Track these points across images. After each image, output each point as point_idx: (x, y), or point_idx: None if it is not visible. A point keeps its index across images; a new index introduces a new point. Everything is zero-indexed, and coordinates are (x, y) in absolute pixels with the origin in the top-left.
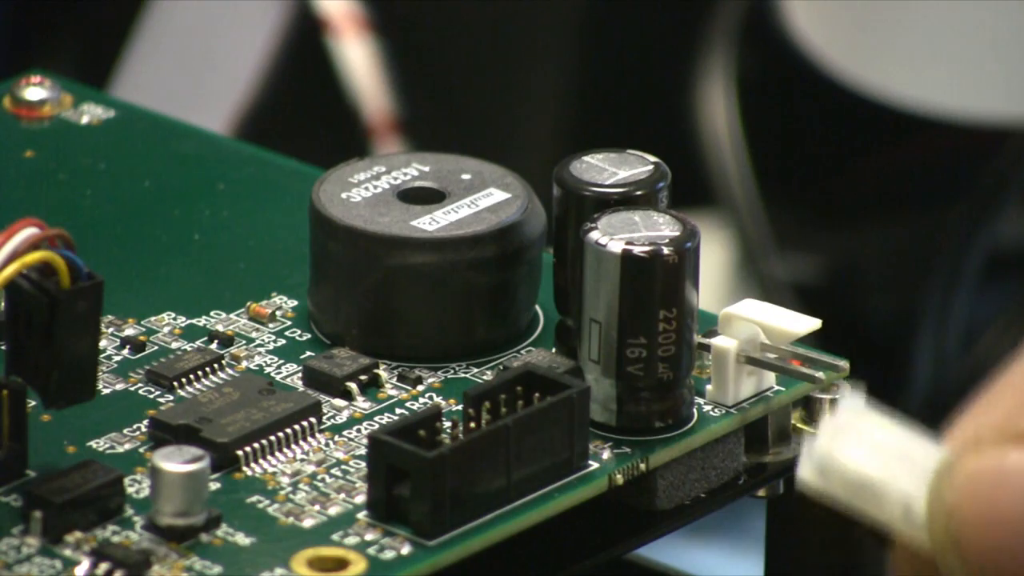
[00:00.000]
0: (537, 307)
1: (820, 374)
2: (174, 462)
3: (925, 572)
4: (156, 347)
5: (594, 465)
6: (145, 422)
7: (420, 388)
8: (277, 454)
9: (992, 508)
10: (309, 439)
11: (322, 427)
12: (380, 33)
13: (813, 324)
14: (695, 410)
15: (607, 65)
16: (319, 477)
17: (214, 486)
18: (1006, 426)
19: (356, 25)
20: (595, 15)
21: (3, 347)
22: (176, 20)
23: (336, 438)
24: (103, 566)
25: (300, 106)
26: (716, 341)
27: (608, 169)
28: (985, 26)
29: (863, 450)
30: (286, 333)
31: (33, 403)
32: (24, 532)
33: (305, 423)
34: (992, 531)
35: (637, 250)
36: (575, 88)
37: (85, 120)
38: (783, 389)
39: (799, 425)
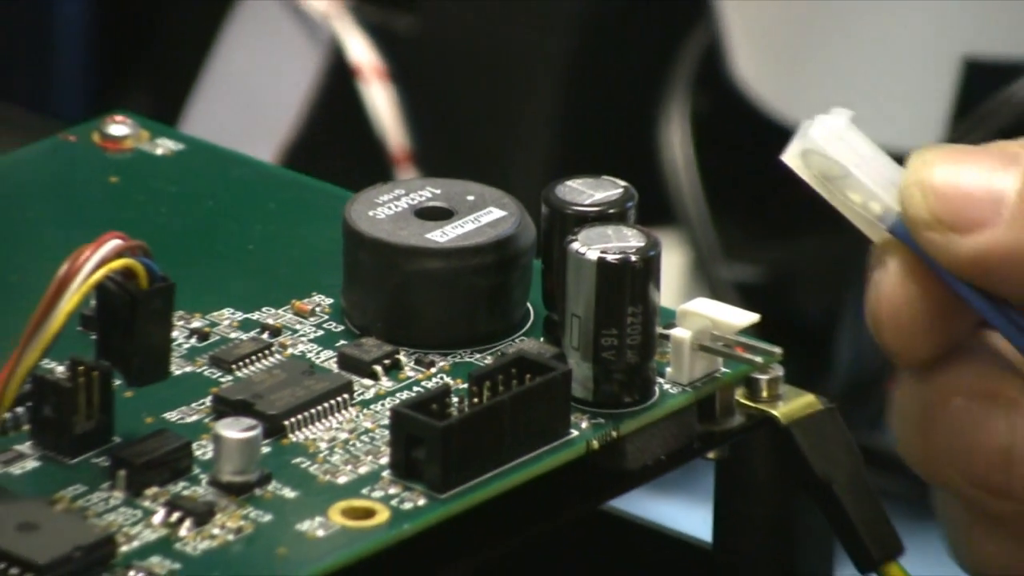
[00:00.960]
0: (528, 304)
1: (758, 358)
2: (233, 430)
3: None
4: (218, 337)
5: (575, 433)
6: (208, 398)
7: (433, 370)
8: (316, 424)
9: (954, 175)
10: (342, 412)
11: (353, 402)
12: (398, 81)
13: (753, 318)
14: (657, 388)
15: (586, 107)
16: (351, 443)
17: (265, 450)
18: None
19: (379, 75)
20: (577, 66)
21: (94, 337)
22: (233, 68)
23: (364, 411)
24: (175, 515)
25: (334, 140)
26: (674, 332)
27: (586, 192)
28: (890, 72)
29: (843, 148)
30: (323, 325)
31: (118, 383)
32: (111, 487)
33: (339, 399)
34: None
35: (610, 258)
36: (559, 126)
37: (159, 152)
38: (728, 371)
39: (741, 400)
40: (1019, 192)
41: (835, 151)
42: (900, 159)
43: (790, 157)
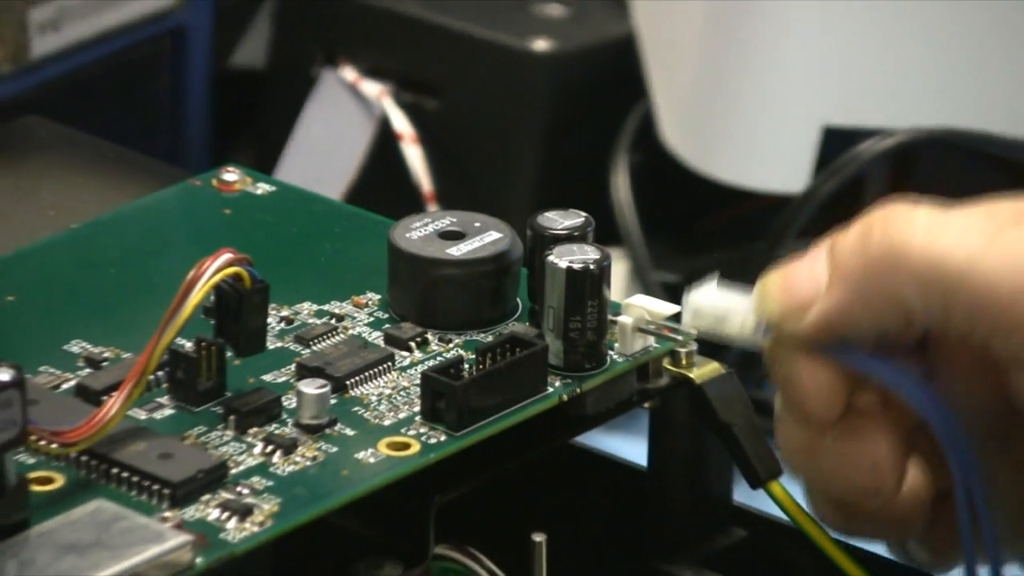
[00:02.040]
0: (518, 299)
1: (678, 337)
2: (310, 388)
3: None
4: (299, 322)
5: (550, 389)
6: (293, 365)
7: (450, 346)
8: (369, 383)
9: (784, 275)
10: (387, 375)
11: (395, 368)
12: (426, 144)
13: (675, 308)
14: (608, 358)
15: (557, 161)
16: (393, 396)
17: (332, 402)
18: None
19: (413, 139)
20: (551, 132)
21: (212, 322)
22: (311, 133)
23: (403, 374)
24: (269, 447)
25: (382, 184)
26: (620, 318)
27: (559, 220)
28: (772, 137)
29: (715, 300)
30: (374, 314)
31: (229, 354)
32: (224, 428)
33: (385, 365)
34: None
35: (575, 266)
36: (538, 174)
37: (259, 192)
38: (658, 346)
39: (667, 366)
40: (828, 271)
41: (710, 305)
42: (782, 202)
43: (686, 321)
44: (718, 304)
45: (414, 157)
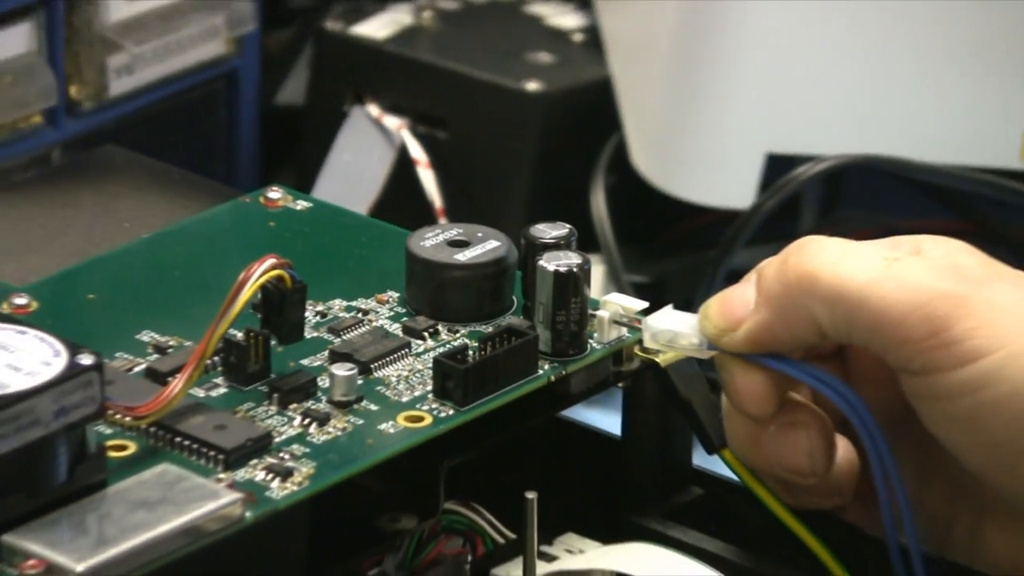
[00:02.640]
0: (514, 296)
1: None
2: (341, 370)
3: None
4: (332, 316)
5: (540, 372)
6: (326, 351)
7: (457, 335)
8: (390, 367)
9: (720, 299)
10: (405, 359)
11: (411, 354)
12: (437, 168)
13: (643, 304)
14: (589, 345)
15: (546, 182)
16: (409, 377)
17: (359, 382)
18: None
19: (426, 164)
20: (541, 157)
21: (259, 316)
22: (343, 158)
23: (418, 359)
24: (306, 420)
25: (401, 202)
26: (598, 312)
27: (547, 231)
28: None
29: (668, 322)
30: (394, 309)
31: (274, 342)
32: (268, 404)
33: (403, 352)
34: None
35: (561, 269)
36: (531, 193)
37: (299, 207)
38: (629, 335)
39: (637, 352)
40: (754, 295)
41: (666, 325)
42: (732, 216)
43: (647, 340)
44: (671, 326)
45: (427, 179)
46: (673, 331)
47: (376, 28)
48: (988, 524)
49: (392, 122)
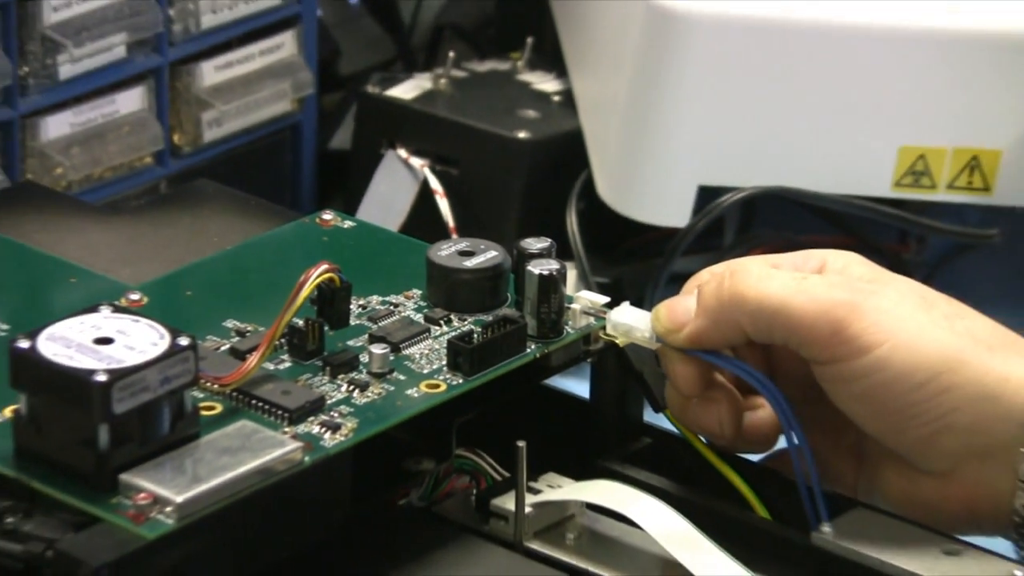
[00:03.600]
0: (508, 293)
1: (641, 329)
2: (377, 349)
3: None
4: (370, 308)
5: (528, 350)
6: (366, 335)
7: (465, 323)
8: (414, 347)
9: (668, 305)
10: (425, 341)
11: (430, 337)
12: (449, 197)
13: (606, 299)
14: (565, 330)
15: (533, 208)
16: (429, 355)
17: (391, 358)
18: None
19: (442, 194)
20: (529, 187)
21: (316, 307)
22: (379, 189)
23: (435, 341)
24: (351, 387)
25: (423, 221)
26: (572, 305)
27: (534, 244)
28: (662, 193)
29: (626, 317)
30: (417, 302)
31: (326, 328)
32: (322, 375)
33: (424, 335)
34: (667, 314)
35: (544, 272)
36: (522, 214)
37: (346, 226)
38: (595, 322)
39: (602, 335)
40: (696, 305)
41: (624, 319)
42: (673, 232)
43: (609, 329)
44: (628, 320)
45: (443, 205)
46: (630, 325)
47: (404, 91)
48: (884, 469)
49: (416, 162)
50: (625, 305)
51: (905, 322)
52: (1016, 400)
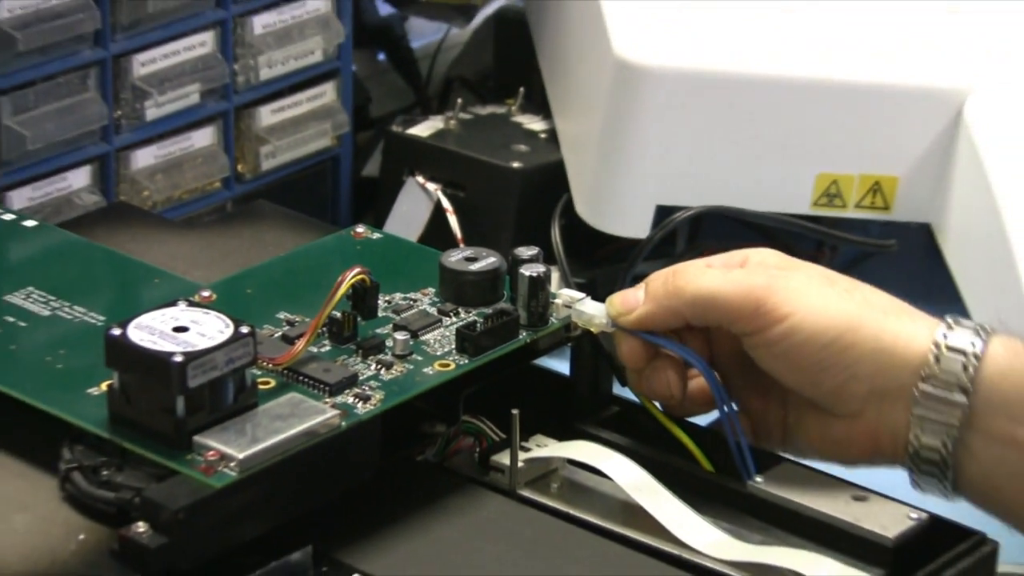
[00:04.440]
0: (504, 291)
1: (599, 317)
2: (400, 335)
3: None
4: (394, 303)
5: (520, 336)
6: (391, 325)
7: (470, 315)
8: (429, 334)
9: (621, 294)
10: (438, 329)
11: (442, 326)
12: (458, 214)
13: (583, 296)
14: (550, 320)
15: (525, 222)
16: (441, 340)
17: (411, 343)
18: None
19: (452, 211)
20: (521, 204)
21: (351, 302)
22: (402, 208)
23: (446, 329)
24: (379, 366)
25: (436, 234)
26: (556, 300)
27: (525, 252)
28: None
29: (588, 307)
30: (431, 298)
31: (360, 319)
32: (355, 356)
33: (437, 324)
34: (619, 301)
35: (533, 274)
36: (515, 229)
37: (375, 237)
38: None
39: (577, 323)
40: (644, 295)
41: (585, 310)
42: (635, 243)
43: (574, 318)
44: (588, 310)
45: (452, 221)
46: (590, 314)
47: (421, 130)
48: (803, 417)
49: (431, 187)
50: (587, 299)
51: (811, 296)
52: (908, 352)
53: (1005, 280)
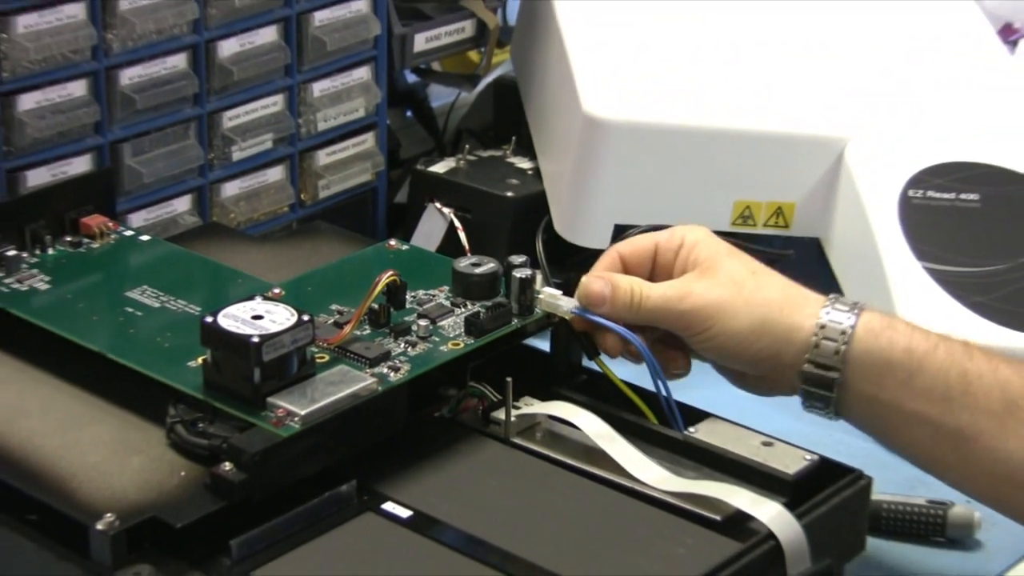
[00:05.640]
0: (501, 289)
1: (568, 307)
2: (423, 322)
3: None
4: (418, 299)
5: (512, 322)
6: (415, 314)
7: (475, 306)
8: (445, 321)
9: (585, 281)
10: (451, 317)
11: (454, 314)
12: (466, 231)
13: (559, 292)
14: (536, 311)
15: (517, 238)
16: (453, 326)
17: (430, 328)
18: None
19: (462, 229)
20: (515, 223)
21: (385, 298)
22: (424, 228)
23: (457, 317)
24: (407, 344)
25: (450, 246)
26: (540, 296)
27: (516, 260)
28: (594, 228)
29: (554, 299)
30: (447, 294)
31: (391, 309)
32: (389, 337)
33: (451, 313)
34: (586, 295)
35: (523, 276)
36: (509, 244)
37: (404, 248)
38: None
39: (558, 315)
40: (610, 297)
41: (553, 300)
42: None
43: (543, 306)
44: (555, 301)
45: (462, 236)
46: (556, 304)
47: (439, 168)
48: (726, 371)
49: (446, 210)
50: (557, 292)
51: (723, 310)
52: (797, 338)
53: (873, 279)
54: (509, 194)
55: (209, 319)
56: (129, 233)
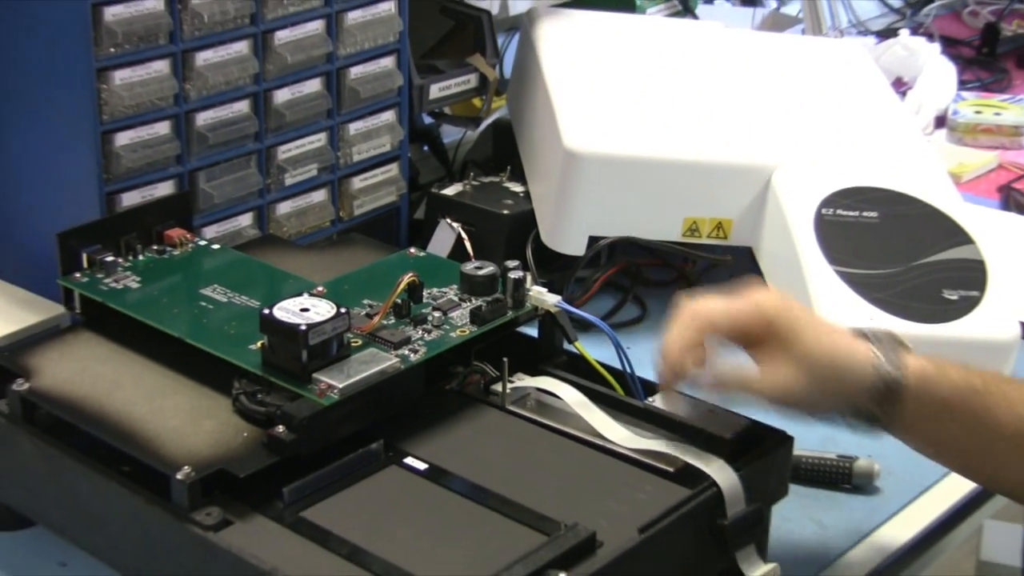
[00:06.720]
0: (499, 287)
1: (552, 302)
2: (436, 313)
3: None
4: (432, 296)
5: (508, 314)
6: (430, 307)
7: (478, 301)
8: (455, 312)
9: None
10: (460, 310)
11: (462, 307)
12: (471, 239)
13: (544, 290)
14: (527, 305)
15: (513, 247)
16: (461, 316)
17: (443, 318)
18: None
19: (468, 240)
20: (511, 232)
21: (407, 294)
22: (437, 238)
23: (464, 310)
24: (423, 331)
25: (458, 254)
26: (530, 293)
27: (510, 264)
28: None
29: (540, 294)
30: (456, 291)
31: (412, 303)
32: (409, 325)
33: (459, 307)
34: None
35: (516, 277)
36: (505, 250)
37: (422, 255)
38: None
39: (544, 308)
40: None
41: (538, 296)
42: (577, 259)
43: (531, 301)
44: (544, 296)
45: (467, 246)
46: (543, 299)
47: (449, 191)
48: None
49: (455, 225)
50: (543, 289)
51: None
52: (860, 378)
53: (794, 279)
54: (505, 212)
55: (266, 311)
56: (203, 243)
